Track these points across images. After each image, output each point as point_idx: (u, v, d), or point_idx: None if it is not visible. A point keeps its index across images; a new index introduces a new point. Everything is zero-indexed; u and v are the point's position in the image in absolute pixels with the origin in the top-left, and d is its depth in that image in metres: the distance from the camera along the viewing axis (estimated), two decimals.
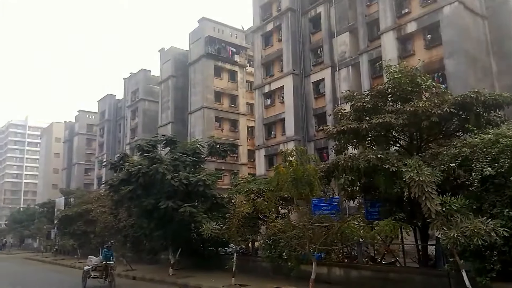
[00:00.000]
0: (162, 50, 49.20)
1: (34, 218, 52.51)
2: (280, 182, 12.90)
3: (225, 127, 42.06)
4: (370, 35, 28.45)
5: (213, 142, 22.13)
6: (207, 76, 41.76)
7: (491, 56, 24.34)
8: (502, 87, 21.68)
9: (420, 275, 11.84)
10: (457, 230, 8.51)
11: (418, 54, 23.70)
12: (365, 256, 14.45)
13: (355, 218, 11.99)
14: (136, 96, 53.83)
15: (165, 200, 17.68)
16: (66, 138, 75.37)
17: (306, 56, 33.45)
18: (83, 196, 39.42)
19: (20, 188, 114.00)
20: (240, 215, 14.09)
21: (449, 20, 22.99)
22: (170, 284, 16.36)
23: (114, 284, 14.86)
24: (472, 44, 23.33)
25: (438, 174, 9.90)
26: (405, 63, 15.23)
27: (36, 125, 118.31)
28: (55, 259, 32.98)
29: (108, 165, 22.81)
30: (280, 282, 13.93)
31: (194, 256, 20.09)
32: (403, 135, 13.65)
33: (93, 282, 15.66)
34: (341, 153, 13.86)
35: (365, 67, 27.83)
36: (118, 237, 23.55)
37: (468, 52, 22.67)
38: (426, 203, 9.28)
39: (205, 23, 43.01)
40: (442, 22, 23.24)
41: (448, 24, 22.99)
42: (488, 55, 24.24)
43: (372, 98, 13.75)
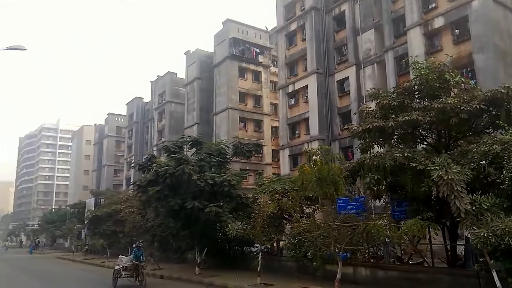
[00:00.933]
0: (187, 53, 49.87)
1: (66, 218, 54.07)
2: (304, 181, 12.85)
3: (249, 127, 42.23)
4: (396, 32, 27.90)
5: (237, 142, 22.26)
6: (231, 77, 42.03)
7: None
8: None
9: (448, 276, 11.56)
10: (487, 229, 8.27)
11: (445, 50, 23.07)
12: (392, 256, 14.19)
13: (381, 217, 11.78)
14: (162, 99, 54.77)
15: (191, 200, 17.88)
16: (96, 140, 77.31)
17: (330, 54, 33.14)
18: (113, 196, 40.22)
19: (52, 189, 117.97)
20: (265, 215, 14.08)
21: (477, 14, 22.28)
22: (197, 283, 16.53)
23: (145, 283, 14.85)
24: (502, 38, 22.52)
25: (467, 172, 9.64)
26: (432, 59, 14.88)
27: (67, 128, 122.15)
28: (86, 259, 33.85)
29: (136, 166, 23.24)
30: (306, 282, 13.86)
31: (220, 255, 20.23)
32: (430, 132, 13.35)
33: (123, 281, 15.83)
34: (367, 152, 13.64)
35: (391, 64, 27.30)
36: (146, 237, 23.96)
37: (497, 46, 21.90)
38: (455, 202, 9.07)
39: (229, 24, 43.34)
40: (470, 16, 22.55)
41: (476, 18, 22.28)
42: None
43: (398, 95, 13.49)
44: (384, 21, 28.65)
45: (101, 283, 17.42)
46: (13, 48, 16.89)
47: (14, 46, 16.90)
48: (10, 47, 16.83)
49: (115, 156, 70.30)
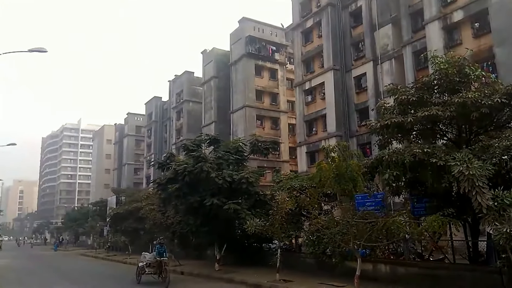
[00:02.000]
0: (204, 52, 50.20)
1: (88, 216, 55.14)
2: (322, 178, 12.83)
3: (266, 125, 42.29)
4: (414, 26, 27.52)
5: (255, 140, 22.32)
6: (248, 75, 42.14)
7: None
8: None
9: (470, 272, 11.40)
10: (510, 225, 8.12)
11: (465, 44, 22.66)
12: (412, 253, 14.05)
13: (401, 214, 11.69)
14: (180, 98, 55.31)
15: (210, 197, 18.02)
16: (116, 140, 78.54)
17: (347, 50, 32.88)
18: (133, 194, 40.83)
19: (74, 188, 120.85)
20: (283, 212, 14.13)
21: (498, 7, 21.76)
22: (216, 279, 16.73)
23: (169, 280, 14.72)
24: None
25: (489, 167, 9.45)
26: (452, 53, 14.63)
27: (89, 128, 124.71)
28: (108, 255, 34.52)
29: (156, 164, 23.53)
30: (324, 278, 13.85)
31: (239, 252, 20.40)
32: (450, 128, 13.14)
33: (147, 278, 15.96)
34: (385, 148, 13.53)
35: (409, 59, 26.94)
36: (166, 234, 24.26)
37: None
38: (476, 198, 8.93)
39: (245, 23, 43.42)
40: (490, 9, 22.07)
41: (497, 11, 21.77)
42: None
43: (417, 90, 13.32)
44: (401, 16, 28.28)
45: (125, 280, 17.61)
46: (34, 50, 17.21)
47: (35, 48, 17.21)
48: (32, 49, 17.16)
49: (135, 155, 71.32)
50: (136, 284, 15.69)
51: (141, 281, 15.84)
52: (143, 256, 16.59)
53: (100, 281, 18.11)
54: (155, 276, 15.68)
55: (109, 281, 17.95)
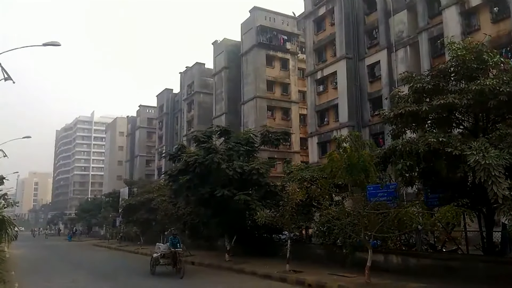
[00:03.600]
0: (215, 43, 49.91)
1: (101, 207, 55.76)
2: (334, 169, 12.66)
3: (277, 115, 41.97)
4: (430, 12, 26.74)
5: (265, 131, 22.18)
6: (259, 66, 41.77)
7: None
8: None
9: (484, 263, 11.15)
10: None
11: (484, 29, 21.95)
12: (424, 244, 13.85)
13: (414, 204, 11.43)
14: (191, 89, 55.26)
15: (221, 188, 18.00)
16: (128, 132, 79.11)
17: (360, 38, 32.20)
18: (145, 186, 41.11)
19: (88, 180, 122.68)
20: (294, 203, 14.01)
21: None
22: (227, 269, 16.71)
23: (183, 270, 14.50)
24: None
25: (506, 156, 9.17)
26: (469, 39, 14.16)
27: (101, 121, 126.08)
28: (120, 246, 34.92)
29: (167, 156, 23.65)
30: (335, 269, 13.70)
31: (249, 243, 20.37)
32: (467, 116, 12.80)
33: (161, 268, 15.79)
34: (399, 138, 13.29)
35: (425, 46, 26.25)
36: (177, 225, 24.41)
37: None
38: (492, 188, 8.68)
39: (256, 12, 42.92)
40: None
41: None
42: None
43: (432, 78, 13.00)
44: (417, 1, 27.50)
45: (139, 270, 17.48)
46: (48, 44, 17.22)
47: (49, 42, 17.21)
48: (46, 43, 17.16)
49: (147, 146, 71.76)
50: (151, 275, 15.58)
51: (155, 272, 15.71)
52: (157, 247, 16.47)
53: (115, 271, 18.10)
54: (169, 267, 15.54)
55: (123, 272, 17.86)
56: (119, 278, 15.53)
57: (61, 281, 14.75)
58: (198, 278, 14.61)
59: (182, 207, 23.97)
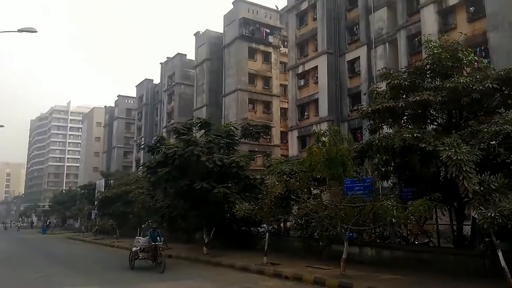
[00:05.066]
0: (197, 34, 49.41)
1: (76, 199, 54.66)
2: (313, 162, 12.82)
3: (258, 109, 42.01)
4: (409, 10, 27.16)
5: (246, 124, 22.24)
6: (241, 58, 41.62)
7: None
8: None
9: (454, 256, 11.56)
10: (494, 209, 8.16)
11: (460, 28, 22.39)
12: (398, 236, 14.22)
13: (389, 198, 11.70)
14: (172, 80, 54.65)
15: (200, 181, 17.91)
16: (106, 122, 77.85)
17: (341, 34, 32.45)
18: (122, 178, 40.54)
19: (63, 171, 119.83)
20: (273, 196, 14.09)
21: None
22: (204, 262, 16.73)
23: (164, 265, 14.19)
24: None
25: (477, 152, 9.45)
26: (446, 38, 14.49)
27: (78, 111, 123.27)
28: (96, 239, 34.24)
29: (146, 148, 23.37)
30: (312, 262, 13.95)
31: (228, 235, 20.44)
32: (441, 113, 13.13)
33: (140, 263, 15.48)
34: (376, 133, 13.52)
35: (403, 44, 26.68)
36: (155, 217, 24.22)
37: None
38: (463, 183, 8.95)
39: (239, 4, 42.65)
40: None
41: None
42: None
43: (409, 75, 13.26)
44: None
45: (116, 264, 17.14)
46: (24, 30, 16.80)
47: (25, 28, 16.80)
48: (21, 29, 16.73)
49: (125, 138, 70.74)
50: (129, 269, 15.20)
51: (134, 266, 15.32)
52: (136, 241, 16.09)
53: (91, 265, 17.80)
54: (149, 261, 15.25)
55: (100, 265, 17.57)
56: (95, 272, 15.22)
57: (33, 274, 14.37)
58: (177, 272, 14.44)
59: (160, 199, 23.77)
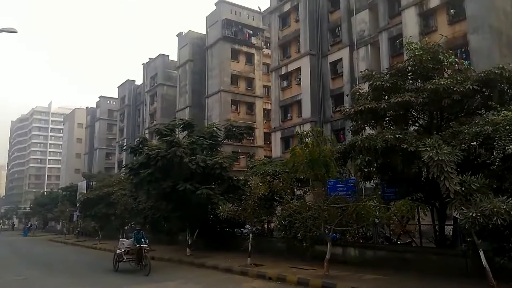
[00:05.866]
0: (179, 35, 49.09)
1: (57, 201, 53.93)
2: (296, 163, 12.81)
3: (241, 110, 41.96)
4: (391, 12, 27.46)
5: (229, 125, 22.14)
6: (224, 59, 41.52)
7: None
8: None
9: (436, 255, 11.68)
10: (476, 209, 8.25)
11: (440, 30, 22.75)
12: (381, 237, 14.33)
13: (371, 198, 11.78)
14: (154, 81, 54.15)
15: (183, 182, 17.77)
16: (88, 123, 76.77)
17: (324, 36, 32.67)
18: (104, 179, 40.15)
19: (44, 173, 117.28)
20: (256, 197, 14.07)
21: None
22: (188, 264, 16.57)
23: (150, 267, 13.87)
24: (498, 17, 22.15)
25: (458, 153, 9.55)
26: (427, 40, 14.69)
27: (59, 112, 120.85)
28: (78, 241, 33.88)
29: (128, 149, 23.11)
30: (295, 262, 13.94)
31: (211, 237, 20.32)
32: (422, 114, 13.29)
33: (124, 265, 15.14)
34: (358, 134, 13.60)
35: (385, 45, 26.98)
36: (137, 219, 23.96)
37: (493, 26, 21.59)
38: (444, 183, 9.02)
39: (222, 5, 42.57)
40: None
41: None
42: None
43: (391, 76, 13.38)
44: (379, 1, 28.12)
45: (101, 267, 16.71)
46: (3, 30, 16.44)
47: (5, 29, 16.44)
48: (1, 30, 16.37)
49: (107, 139, 69.90)
50: (113, 272, 14.91)
51: (119, 269, 15.04)
52: (120, 243, 15.82)
53: (73, 267, 17.37)
54: (133, 263, 14.92)
55: (83, 268, 17.14)
56: (78, 275, 14.88)
57: (13, 277, 14.02)
58: (160, 273, 14.24)
59: (143, 201, 23.50)
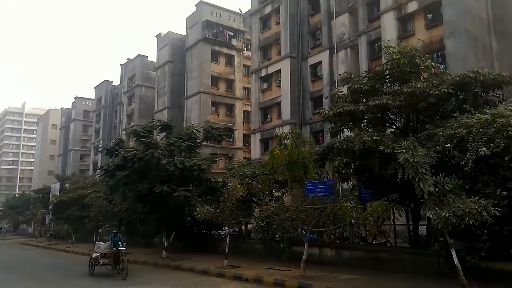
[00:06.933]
0: (159, 36, 48.63)
1: (29, 204, 52.70)
2: (274, 165, 12.82)
3: (221, 111, 41.79)
4: (370, 16, 27.87)
5: (208, 126, 22.05)
6: (204, 61, 41.30)
7: (492, 35, 23.75)
8: (502, 66, 21.18)
9: (410, 255, 11.87)
10: (449, 210, 8.37)
11: (418, 34, 23.16)
12: (357, 237, 14.46)
13: (348, 199, 11.86)
14: (132, 82, 53.44)
15: (160, 184, 17.56)
16: (62, 124, 75.26)
17: (304, 38, 32.90)
18: (79, 181, 39.48)
19: (16, 174, 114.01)
20: (234, 199, 14.00)
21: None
22: (163, 266, 16.32)
23: (127, 271, 13.37)
24: (474, 23, 22.77)
25: (432, 155, 9.72)
26: (404, 44, 14.93)
27: (33, 112, 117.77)
28: (50, 244, 32.97)
29: (104, 151, 22.73)
30: (272, 263, 13.90)
31: (188, 239, 20.14)
32: (399, 116, 13.49)
33: (100, 269, 14.68)
34: (337, 136, 13.71)
35: (364, 49, 27.33)
36: (112, 222, 23.55)
37: (468, 31, 22.16)
38: (419, 184, 9.13)
39: (202, 7, 42.37)
40: (443, 0, 22.52)
41: (449, 3, 22.36)
42: (489, 34, 23.66)
43: (369, 80, 13.54)
44: (358, 5, 28.51)
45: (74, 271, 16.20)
46: None
47: None
48: None
49: (82, 140, 68.66)
50: (89, 276, 14.42)
51: (95, 273, 14.54)
52: (97, 246, 15.31)
53: (47, 272, 16.68)
54: (109, 267, 14.46)
55: (56, 272, 16.49)
56: (51, 280, 14.29)
57: None
58: (135, 276, 13.77)
59: (118, 203, 23.13)
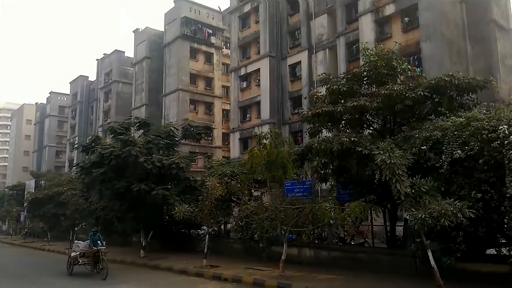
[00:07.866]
0: (136, 31, 47.87)
1: (4, 201, 51.35)
2: (254, 164, 12.85)
3: (200, 109, 41.55)
4: (348, 17, 28.26)
5: (187, 125, 21.90)
6: (182, 58, 40.93)
7: (467, 40, 24.55)
8: (476, 70, 21.95)
9: (387, 255, 12.08)
10: (425, 211, 8.57)
11: (395, 37, 23.69)
12: (335, 237, 14.62)
13: (327, 200, 12.01)
14: (109, 78, 52.46)
15: (138, 182, 17.34)
16: (37, 120, 73.41)
17: (283, 38, 33.07)
18: (54, 178, 38.60)
19: None
20: (213, 198, 13.92)
21: (427, 3, 22.93)
22: (141, 266, 16.15)
23: (107, 271, 13.07)
24: (449, 27, 23.44)
25: (409, 156, 9.92)
26: (381, 46, 15.17)
27: (7, 107, 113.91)
28: (25, 242, 32.42)
29: (80, 147, 22.23)
30: (252, 263, 13.96)
31: (166, 238, 19.97)
32: (377, 118, 13.69)
33: (79, 268, 14.35)
34: (315, 136, 13.83)
35: (342, 50, 27.70)
36: (89, 220, 23.10)
37: (444, 35, 22.78)
38: (396, 185, 9.31)
39: (181, 3, 41.95)
40: (420, 4, 23.16)
41: (426, 7, 22.97)
42: (464, 39, 24.43)
43: (347, 81, 13.68)
44: (337, 6, 28.88)
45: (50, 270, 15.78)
46: None
47: None
48: None
49: (57, 136, 67.05)
50: (67, 276, 14.08)
51: (73, 272, 14.22)
52: (76, 245, 14.96)
53: (24, 271, 16.20)
54: (89, 267, 14.19)
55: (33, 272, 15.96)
56: (28, 279, 13.89)
57: None
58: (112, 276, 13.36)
59: (95, 201, 22.67)
